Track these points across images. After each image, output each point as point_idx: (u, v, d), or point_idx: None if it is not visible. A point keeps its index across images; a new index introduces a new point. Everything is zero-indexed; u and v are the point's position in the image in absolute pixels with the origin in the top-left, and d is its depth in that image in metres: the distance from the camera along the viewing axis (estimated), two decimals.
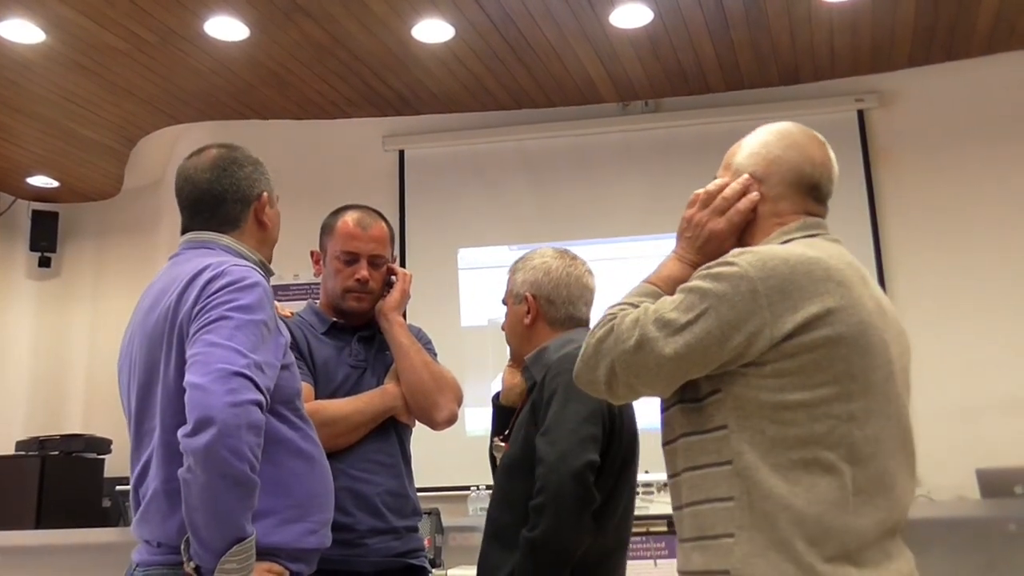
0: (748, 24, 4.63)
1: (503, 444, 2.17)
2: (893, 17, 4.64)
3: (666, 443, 1.56)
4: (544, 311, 2.16)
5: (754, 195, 1.58)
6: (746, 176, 1.59)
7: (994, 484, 3.61)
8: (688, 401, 1.49)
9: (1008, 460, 3.81)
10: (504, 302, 2.24)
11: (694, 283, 1.45)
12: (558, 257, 2.21)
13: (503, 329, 2.26)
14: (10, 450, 4.81)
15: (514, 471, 2.03)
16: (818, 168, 1.61)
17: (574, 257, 2.23)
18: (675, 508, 1.53)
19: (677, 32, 4.70)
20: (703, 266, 1.48)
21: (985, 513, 3.61)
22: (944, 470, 4.50)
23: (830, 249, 1.51)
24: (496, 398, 2.31)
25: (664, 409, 1.56)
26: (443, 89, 5.29)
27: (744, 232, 1.59)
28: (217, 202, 1.93)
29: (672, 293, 1.49)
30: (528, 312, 2.15)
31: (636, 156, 5.38)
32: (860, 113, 5.28)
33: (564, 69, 5.05)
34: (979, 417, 4.72)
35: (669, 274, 1.59)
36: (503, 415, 2.27)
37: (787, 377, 1.39)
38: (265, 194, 1.97)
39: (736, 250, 1.47)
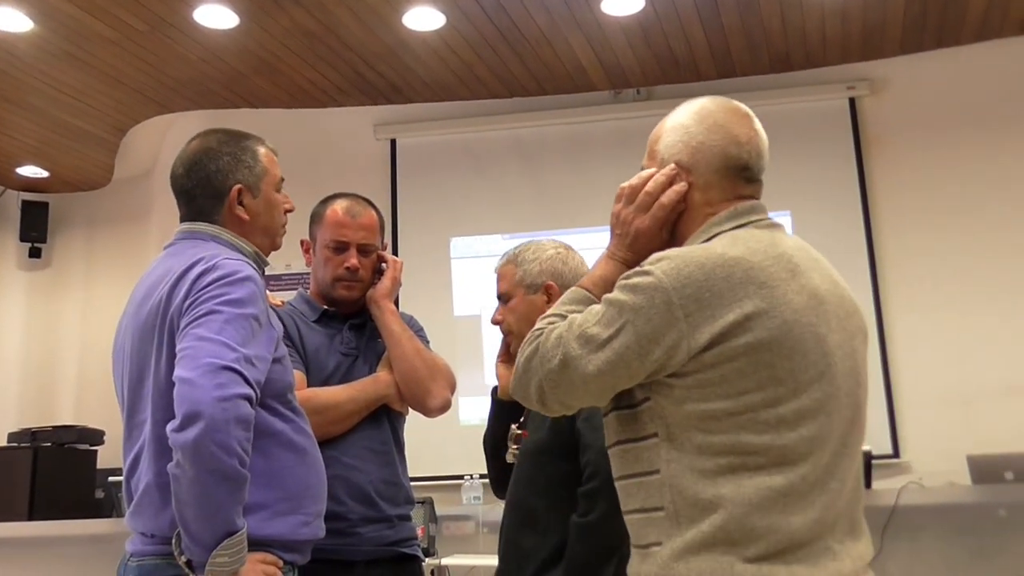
0: (739, 11, 4.62)
1: (520, 432, 2.17)
2: (884, 4, 4.64)
3: (608, 447, 1.53)
4: None
5: (680, 186, 1.51)
6: (671, 167, 1.52)
7: (985, 470, 3.63)
8: (623, 408, 1.46)
9: (999, 446, 3.83)
10: (505, 295, 2.21)
11: (614, 295, 1.41)
12: (567, 248, 2.23)
13: (496, 323, 2.21)
14: (2, 442, 4.81)
15: (542, 455, 2.04)
16: (745, 148, 1.51)
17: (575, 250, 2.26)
18: (623, 512, 1.50)
19: (668, 19, 4.69)
20: (623, 275, 1.43)
21: (976, 499, 3.63)
22: (935, 456, 4.54)
23: (758, 241, 1.43)
24: (495, 392, 2.30)
25: (604, 414, 1.53)
26: (434, 77, 5.27)
27: (677, 223, 1.53)
28: (189, 198, 1.93)
29: (607, 293, 1.45)
30: (549, 301, 2.14)
31: (628, 144, 5.33)
32: (851, 100, 5.28)
33: (555, 57, 5.04)
34: (970, 403, 4.74)
35: (602, 274, 1.53)
36: (503, 408, 2.26)
37: (710, 387, 1.35)
38: (238, 187, 1.91)
39: (654, 256, 1.42)
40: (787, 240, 1.48)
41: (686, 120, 1.55)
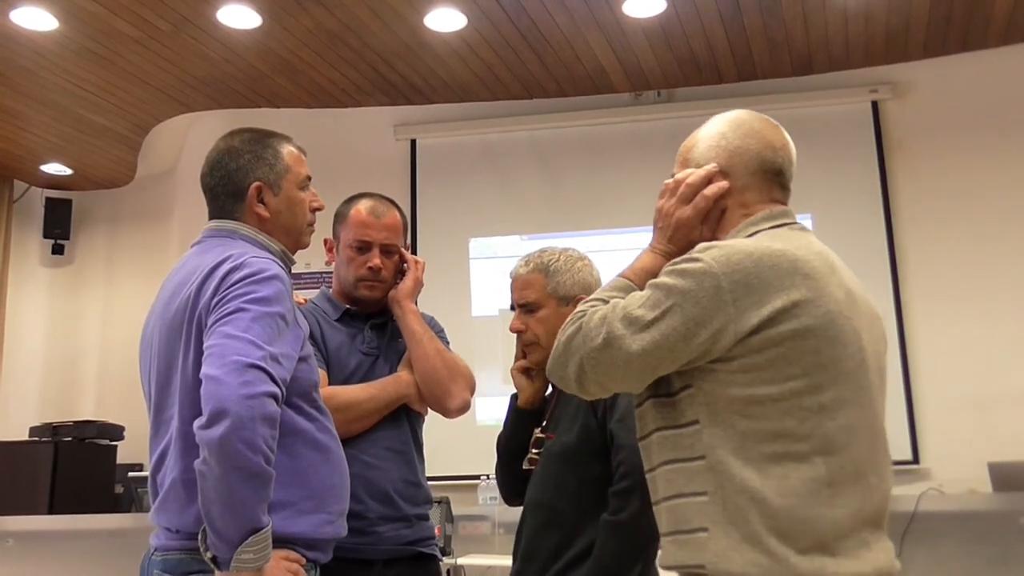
0: (761, 13, 4.60)
1: (544, 436, 2.17)
2: (908, 6, 4.61)
3: (640, 438, 1.55)
4: None
5: (723, 183, 1.57)
6: (713, 164, 1.59)
7: (1006, 478, 3.60)
8: (661, 396, 1.49)
9: (1021, 454, 3.80)
10: (533, 305, 2.18)
11: (661, 279, 1.44)
12: (587, 258, 2.24)
13: (517, 331, 2.18)
14: (24, 436, 4.84)
15: (571, 458, 2.05)
16: (779, 153, 1.59)
17: None
18: (653, 503, 1.53)
19: (690, 21, 4.67)
20: (670, 262, 1.47)
21: (997, 507, 3.59)
22: (956, 463, 4.50)
23: (797, 240, 1.49)
24: (515, 399, 2.30)
25: (637, 404, 1.56)
26: (455, 78, 5.28)
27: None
28: (213, 196, 1.95)
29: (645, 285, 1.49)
30: None
31: (648, 146, 5.36)
32: (874, 104, 5.25)
33: (576, 58, 5.04)
34: (991, 410, 4.70)
35: (643, 266, 1.58)
36: (522, 416, 2.26)
37: (755, 372, 1.38)
38: (257, 184, 1.91)
39: (702, 245, 1.47)
40: (819, 245, 1.54)
41: (721, 128, 1.62)
